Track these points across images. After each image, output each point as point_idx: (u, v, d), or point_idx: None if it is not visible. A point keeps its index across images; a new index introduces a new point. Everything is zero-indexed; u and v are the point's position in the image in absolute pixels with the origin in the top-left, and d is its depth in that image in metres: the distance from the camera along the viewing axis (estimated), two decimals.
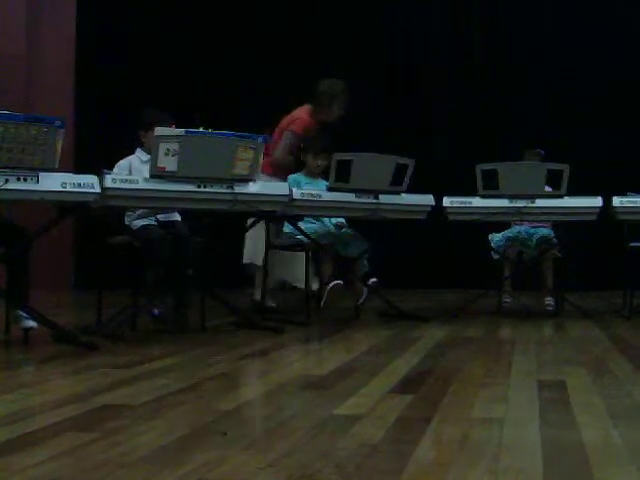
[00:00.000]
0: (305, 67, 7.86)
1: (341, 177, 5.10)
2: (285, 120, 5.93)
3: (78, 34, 8.60)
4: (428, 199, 5.43)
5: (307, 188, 5.27)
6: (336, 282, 5.44)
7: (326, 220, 5.72)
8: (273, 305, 5.84)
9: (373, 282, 5.69)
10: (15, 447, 2.14)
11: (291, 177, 5.64)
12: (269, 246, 5.43)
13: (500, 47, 8.32)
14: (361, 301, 5.65)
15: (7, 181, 3.70)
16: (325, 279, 5.53)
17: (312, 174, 5.71)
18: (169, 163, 4.22)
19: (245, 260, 6.00)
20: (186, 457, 2.05)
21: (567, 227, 5.95)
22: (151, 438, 2.25)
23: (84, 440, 2.21)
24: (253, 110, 7.72)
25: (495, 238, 6.20)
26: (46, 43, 8.40)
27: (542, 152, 6.30)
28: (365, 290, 5.68)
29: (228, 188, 4.40)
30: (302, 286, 5.66)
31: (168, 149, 4.20)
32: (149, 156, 4.45)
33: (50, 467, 1.96)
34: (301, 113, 5.92)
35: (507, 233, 6.21)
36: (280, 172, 5.76)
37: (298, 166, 5.83)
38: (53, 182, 3.83)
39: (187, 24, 8.57)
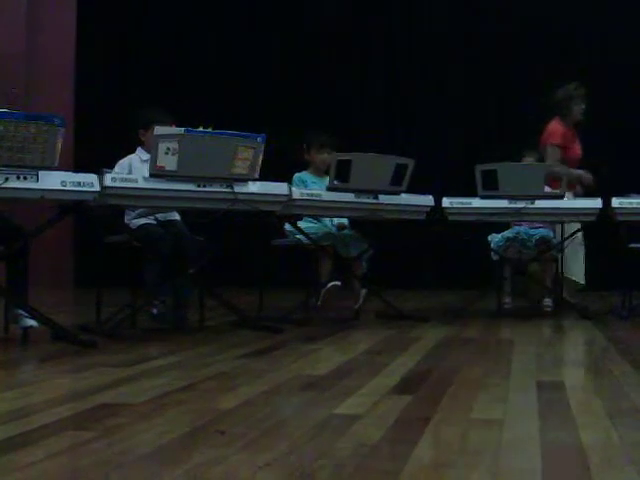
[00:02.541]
0: (302, 69, 7.85)
1: (341, 177, 5.10)
2: (543, 136, 6.27)
3: (78, 34, 8.60)
4: (427, 199, 5.43)
5: (313, 187, 5.28)
6: (333, 283, 5.43)
7: (327, 220, 5.71)
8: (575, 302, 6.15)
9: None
10: (13, 445, 2.14)
11: (296, 176, 5.62)
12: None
13: (500, 47, 8.32)
14: (359, 304, 5.62)
15: (7, 179, 3.70)
16: (323, 279, 5.52)
17: (318, 171, 5.70)
18: (169, 162, 4.21)
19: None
20: (185, 456, 2.05)
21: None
22: (150, 437, 2.25)
23: (83, 439, 2.21)
24: (252, 109, 7.72)
25: (495, 239, 6.20)
26: (46, 42, 8.40)
27: None
28: (363, 291, 5.67)
29: (228, 187, 4.40)
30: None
31: (168, 148, 4.20)
32: (149, 155, 4.45)
33: (48, 466, 1.96)
34: (554, 126, 6.25)
35: (506, 234, 6.20)
36: (574, 185, 6.10)
37: (305, 165, 5.81)
38: (53, 180, 3.83)
39: (187, 23, 8.57)
